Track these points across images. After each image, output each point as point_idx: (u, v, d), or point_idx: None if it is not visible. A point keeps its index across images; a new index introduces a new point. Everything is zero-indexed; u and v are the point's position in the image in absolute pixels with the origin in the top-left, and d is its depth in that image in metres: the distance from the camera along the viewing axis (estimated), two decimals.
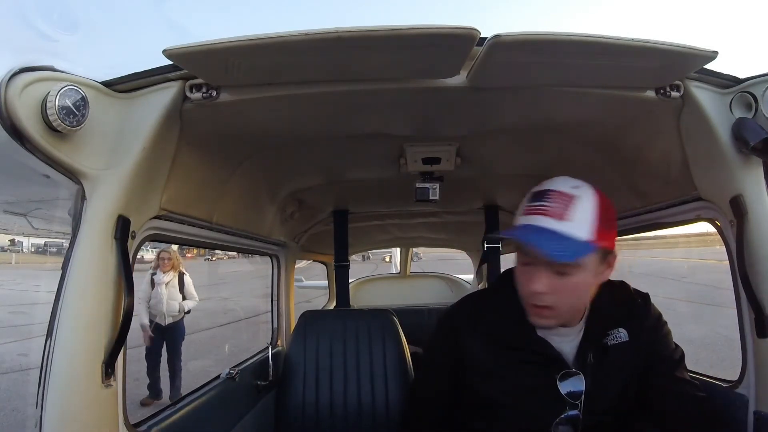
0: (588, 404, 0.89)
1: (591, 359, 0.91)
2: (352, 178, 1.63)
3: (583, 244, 0.81)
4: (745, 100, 0.88)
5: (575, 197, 0.83)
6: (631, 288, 1.00)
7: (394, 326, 1.76)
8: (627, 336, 0.93)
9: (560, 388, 0.89)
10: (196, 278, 4.50)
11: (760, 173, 0.89)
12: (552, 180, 0.89)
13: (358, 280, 4.04)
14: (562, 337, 0.92)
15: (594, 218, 0.82)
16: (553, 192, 0.85)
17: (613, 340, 0.93)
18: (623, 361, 0.92)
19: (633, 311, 0.96)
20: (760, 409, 0.91)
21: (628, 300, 0.97)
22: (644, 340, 0.94)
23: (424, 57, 0.78)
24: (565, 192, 0.85)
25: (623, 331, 0.93)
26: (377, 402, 1.65)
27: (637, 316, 0.95)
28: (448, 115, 1.07)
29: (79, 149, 0.74)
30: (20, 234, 9.76)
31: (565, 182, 0.87)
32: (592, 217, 0.82)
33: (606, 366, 0.91)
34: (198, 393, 1.24)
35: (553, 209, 0.83)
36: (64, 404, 0.72)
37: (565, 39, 0.72)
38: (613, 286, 0.97)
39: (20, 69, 0.66)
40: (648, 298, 0.99)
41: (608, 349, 0.92)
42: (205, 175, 1.11)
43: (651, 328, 0.95)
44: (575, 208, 0.82)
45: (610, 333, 0.93)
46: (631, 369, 0.93)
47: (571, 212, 0.82)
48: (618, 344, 0.93)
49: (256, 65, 0.79)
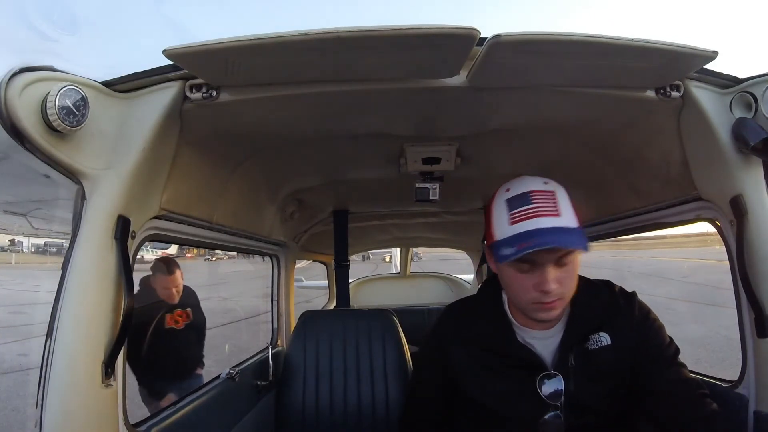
0: (570, 406, 0.90)
1: (572, 362, 0.91)
2: (352, 178, 1.63)
3: (580, 230, 0.84)
4: (745, 100, 0.88)
5: (554, 192, 0.86)
6: (616, 287, 0.99)
7: (394, 326, 1.76)
8: (609, 340, 0.93)
9: (541, 390, 0.90)
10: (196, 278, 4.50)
11: (760, 173, 0.89)
12: (519, 182, 0.89)
13: (358, 280, 4.05)
14: (542, 340, 0.94)
15: (571, 205, 0.86)
16: (535, 192, 0.86)
17: (594, 345, 0.92)
18: (606, 365, 0.91)
19: (615, 313, 0.94)
20: (760, 409, 0.91)
21: (610, 301, 0.96)
22: (629, 340, 0.92)
23: (424, 57, 0.78)
24: (543, 189, 0.86)
25: (605, 335, 0.93)
26: (377, 402, 1.65)
27: (619, 318, 0.94)
28: (448, 115, 1.07)
29: (79, 149, 0.74)
30: (20, 234, 9.76)
31: (534, 180, 0.88)
32: (570, 205, 0.86)
33: (588, 370, 0.91)
34: (198, 393, 1.24)
35: (546, 208, 0.84)
36: (64, 404, 0.72)
37: (565, 39, 0.72)
38: (595, 287, 0.98)
39: (20, 69, 0.66)
40: (633, 297, 0.97)
41: (590, 354, 0.92)
42: (205, 175, 1.11)
43: (636, 327, 0.93)
44: (560, 202, 0.85)
45: (591, 338, 0.93)
46: (615, 372, 0.92)
47: (559, 206, 0.84)
48: (599, 348, 0.92)
49: (256, 65, 0.79)
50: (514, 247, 0.80)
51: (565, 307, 0.89)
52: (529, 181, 0.88)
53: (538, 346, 0.94)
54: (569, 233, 0.82)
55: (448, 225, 2.65)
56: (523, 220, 0.83)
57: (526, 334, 0.94)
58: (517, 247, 0.80)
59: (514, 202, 0.86)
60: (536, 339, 0.94)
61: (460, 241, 3.63)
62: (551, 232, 0.81)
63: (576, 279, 0.87)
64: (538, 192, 0.85)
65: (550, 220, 0.82)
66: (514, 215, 0.84)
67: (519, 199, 0.85)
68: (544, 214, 0.83)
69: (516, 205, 0.85)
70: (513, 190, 0.88)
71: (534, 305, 0.86)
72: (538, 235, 0.81)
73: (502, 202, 0.88)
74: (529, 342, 0.94)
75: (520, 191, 0.86)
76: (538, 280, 0.83)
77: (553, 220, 0.82)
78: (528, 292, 0.86)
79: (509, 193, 0.88)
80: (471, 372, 0.96)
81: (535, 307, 0.87)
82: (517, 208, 0.85)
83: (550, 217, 0.83)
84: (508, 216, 0.85)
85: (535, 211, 0.83)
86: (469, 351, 0.97)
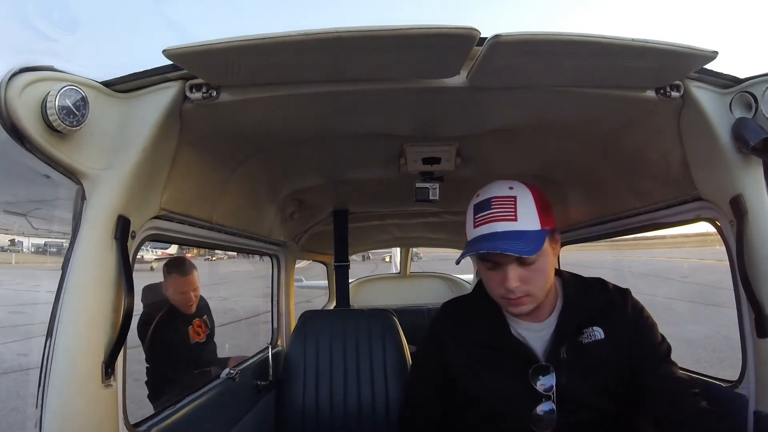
0: (563, 399, 0.93)
1: (564, 355, 0.94)
2: (352, 178, 1.63)
3: (538, 234, 0.89)
4: (745, 100, 0.88)
5: (515, 197, 0.92)
6: (610, 285, 1.02)
7: (394, 326, 1.76)
8: (603, 334, 0.96)
9: (533, 382, 0.93)
10: None
11: (760, 173, 0.89)
12: (488, 188, 0.96)
13: (358, 280, 4.05)
14: (535, 333, 0.98)
15: (536, 209, 0.91)
16: (495, 198, 0.93)
17: (588, 338, 0.96)
18: (600, 359, 0.94)
19: (609, 309, 0.98)
20: (760, 409, 0.91)
21: (604, 298, 0.99)
22: (623, 337, 0.95)
23: (424, 57, 0.78)
24: (505, 195, 0.93)
25: (599, 330, 0.96)
26: (377, 402, 1.65)
27: (613, 314, 0.97)
28: (448, 115, 1.07)
29: (79, 149, 0.74)
30: (20, 234, 9.76)
31: (501, 186, 0.95)
32: (534, 208, 0.91)
33: (581, 363, 0.94)
34: (198, 393, 1.24)
35: (503, 213, 0.91)
36: (64, 404, 0.72)
37: (565, 39, 0.72)
38: (588, 284, 1.02)
39: (20, 69, 0.66)
40: (627, 293, 1.01)
41: (583, 347, 0.95)
42: (205, 175, 1.11)
43: (630, 323, 0.97)
44: (520, 206, 0.91)
45: (585, 331, 0.96)
46: (608, 367, 0.95)
47: (518, 211, 0.90)
48: (593, 342, 0.96)
49: (256, 65, 0.79)
50: (474, 247, 0.90)
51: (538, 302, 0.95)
52: (495, 187, 0.95)
53: (530, 338, 0.98)
54: (519, 237, 0.88)
55: (448, 225, 2.65)
56: (482, 224, 0.92)
57: (519, 326, 0.99)
58: (475, 248, 0.90)
59: (478, 207, 0.94)
60: (529, 331, 0.99)
61: (460, 241, 3.62)
62: (502, 237, 0.89)
63: (546, 276, 0.92)
64: (499, 198, 0.93)
65: (505, 224, 0.90)
66: (476, 219, 0.94)
67: (482, 204, 0.94)
68: (501, 219, 0.91)
69: (479, 210, 0.94)
70: (481, 195, 0.96)
71: (503, 300, 0.94)
72: (491, 238, 0.90)
73: (471, 206, 0.97)
74: (521, 333, 0.98)
75: (485, 197, 0.94)
76: (500, 278, 0.91)
77: (508, 224, 0.90)
78: (496, 288, 0.93)
79: (477, 199, 0.96)
80: (469, 370, 1.00)
81: (504, 302, 0.94)
82: (479, 213, 0.93)
83: (506, 221, 0.90)
84: (473, 220, 0.94)
85: (492, 216, 0.91)
86: (466, 349, 1.01)
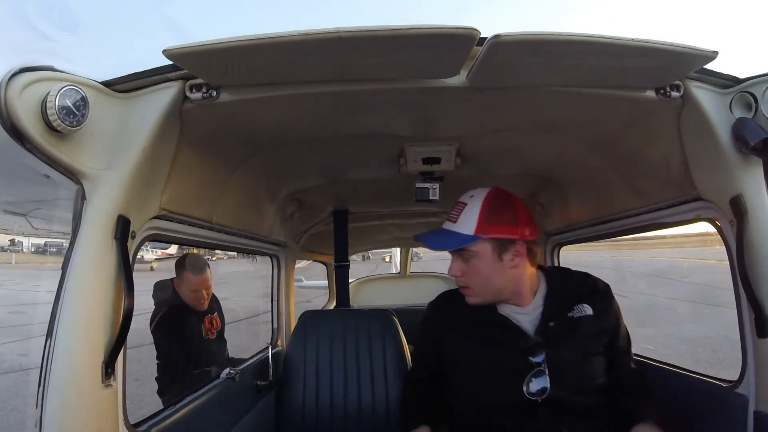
0: (554, 373, 1.01)
1: (552, 325, 1.05)
2: (352, 178, 1.63)
3: (466, 237, 1.06)
4: (745, 100, 0.88)
5: (466, 204, 1.10)
6: (594, 277, 1.17)
7: (394, 326, 1.76)
8: (591, 311, 1.07)
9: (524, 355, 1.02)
10: None
11: (760, 173, 0.89)
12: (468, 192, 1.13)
13: (358, 280, 4.04)
14: (522, 315, 1.09)
15: (477, 218, 1.07)
16: (458, 203, 1.12)
17: (578, 313, 1.07)
18: (588, 333, 1.05)
19: (595, 292, 1.11)
20: (760, 409, 0.91)
21: (589, 284, 1.13)
22: (608, 320, 1.09)
23: (424, 57, 0.78)
24: (463, 201, 1.11)
25: (588, 306, 1.08)
26: (377, 402, 1.65)
27: (600, 297, 1.10)
28: (448, 115, 1.07)
29: (79, 149, 0.74)
30: (20, 234, 9.76)
31: (469, 193, 1.12)
32: (475, 217, 1.07)
33: (569, 333, 1.04)
34: (198, 393, 1.24)
35: (452, 215, 1.11)
36: (64, 404, 0.72)
37: (565, 39, 0.72)
38: (573, 272, 1.17)
39: (20, 69, 0.66)
40: (609, 286, 1.14)
41: (573, 321, 1.06)
42: (205, 175, 1.11)
43: (614, 312, 1.10)
44: (464, 213, 1.09)
45: (575, 308, 1.07)
46: (594, 342, 1.06)
47: (461, 216, 1.09)
48: (583, 317, 1.06)
49: (256, 65, 0.79)
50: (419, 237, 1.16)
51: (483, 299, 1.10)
52: (468, 193, 1.13)
53: (520, 320, 1.08)
54: (447, 236, 1.09)
55: None
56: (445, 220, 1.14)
57: (507, 309, 1.11)
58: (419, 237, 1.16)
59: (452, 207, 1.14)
60: (517, 314, 1.10)
61: None
62: (440, 233, 1.12)
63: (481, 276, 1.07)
64: (459, 203, 1.12)
65: (448, 224, 1.11)
66: None
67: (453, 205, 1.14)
68: (449, 219, 1.12)
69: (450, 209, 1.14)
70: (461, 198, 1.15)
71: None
72: (435, 232, 1.14)
73: None
74: (510, 314, 1.10)
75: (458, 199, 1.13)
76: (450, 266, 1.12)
77: (449, 224, 1.11)
78: None
79: None
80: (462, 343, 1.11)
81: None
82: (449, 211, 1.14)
83: (449, 222, 1.11)
84: None
85: (448, 216, 1.13)
86: (459, 327, 1.14)
